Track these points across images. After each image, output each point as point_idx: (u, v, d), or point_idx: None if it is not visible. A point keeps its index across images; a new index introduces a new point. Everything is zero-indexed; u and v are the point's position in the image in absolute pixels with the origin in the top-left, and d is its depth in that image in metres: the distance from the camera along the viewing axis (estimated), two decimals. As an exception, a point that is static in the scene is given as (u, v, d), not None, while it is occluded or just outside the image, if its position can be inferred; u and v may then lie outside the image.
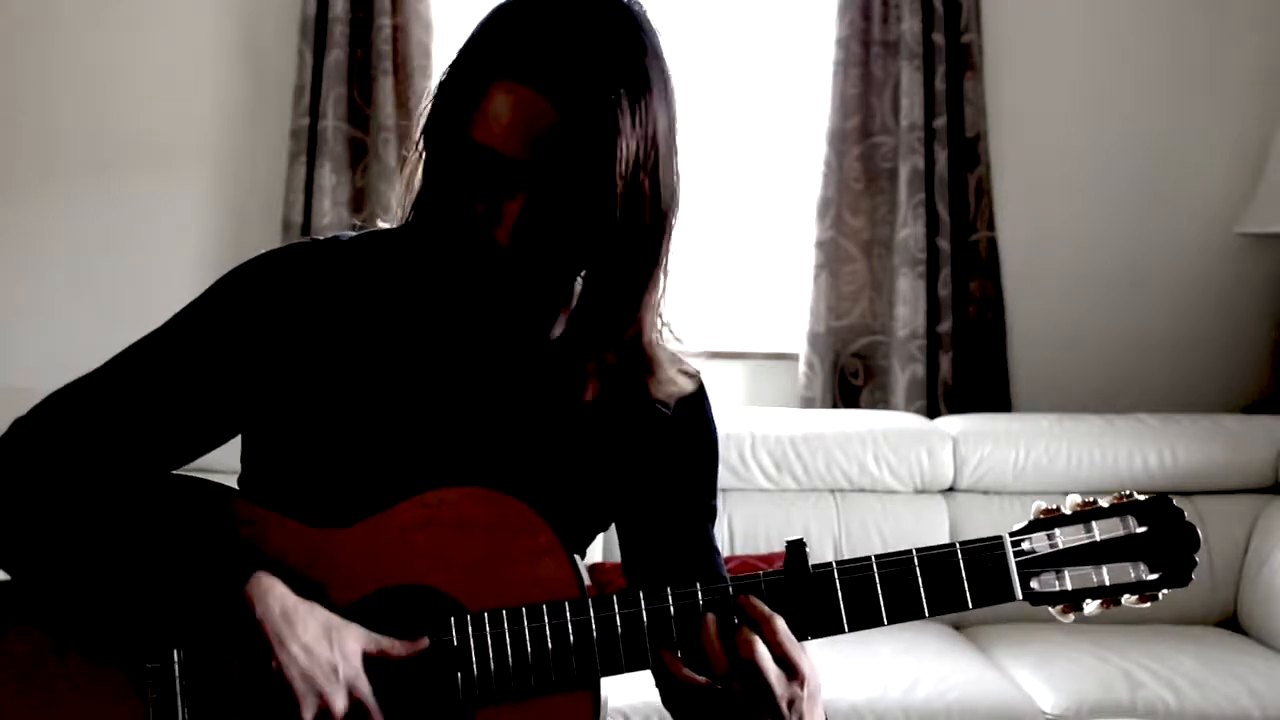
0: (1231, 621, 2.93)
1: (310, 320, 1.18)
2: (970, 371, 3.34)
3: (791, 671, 1.10)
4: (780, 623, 1.11)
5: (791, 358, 3.39)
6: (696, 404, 1.29)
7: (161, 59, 3.38)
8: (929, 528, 2.98)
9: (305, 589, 1.11)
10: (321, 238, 1.25)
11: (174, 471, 1.20)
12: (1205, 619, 2.90)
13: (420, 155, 1.17)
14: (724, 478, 2.96)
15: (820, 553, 2.92)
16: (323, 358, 1.18)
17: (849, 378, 3.38)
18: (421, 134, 1.16)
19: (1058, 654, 2.63)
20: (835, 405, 3.35)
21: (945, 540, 2.86)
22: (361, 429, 1.18)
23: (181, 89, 3.38)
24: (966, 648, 2.76)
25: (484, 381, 1.22)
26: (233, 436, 1.22)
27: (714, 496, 1.32)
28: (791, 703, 1.10)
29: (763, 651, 1.09)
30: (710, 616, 1.12)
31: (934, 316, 3.30)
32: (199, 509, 1.15)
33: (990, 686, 2.53)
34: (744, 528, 2.97)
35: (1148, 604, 1.16)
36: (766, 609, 1.12)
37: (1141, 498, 1.19)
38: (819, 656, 1.14)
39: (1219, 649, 2.72)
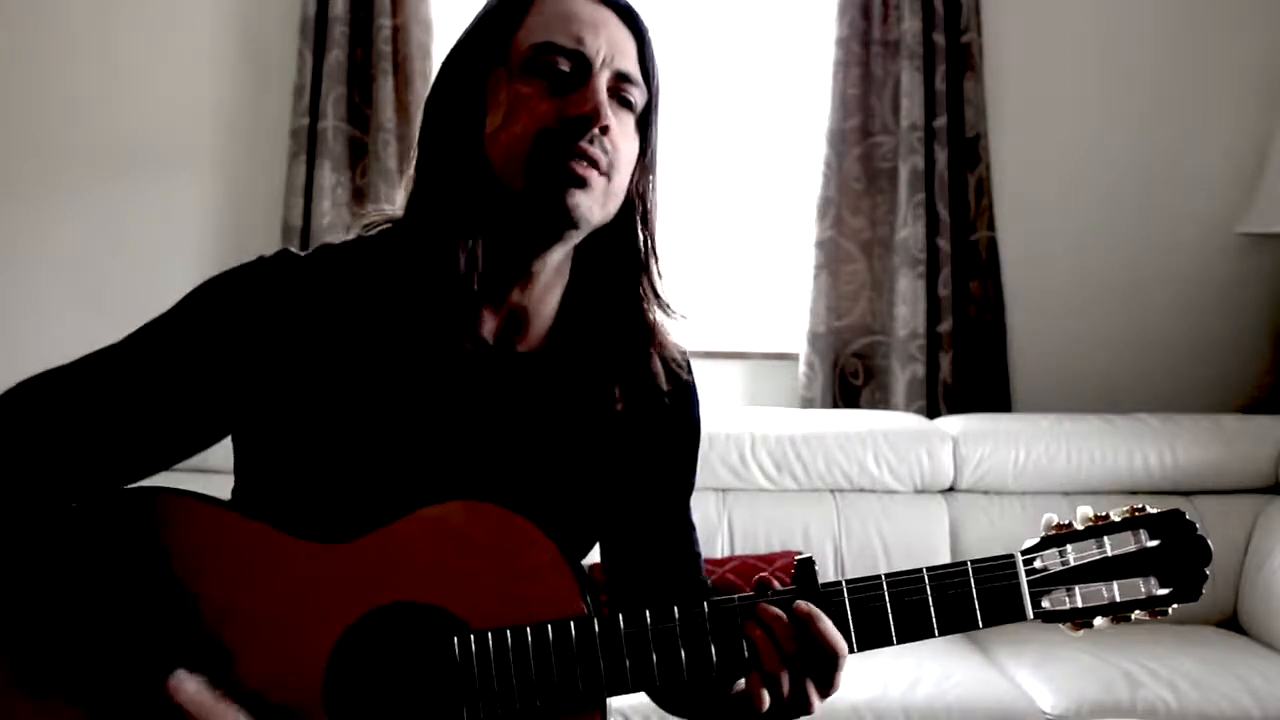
0: (1231, 621, 2.93)
1: (298, 332, 1.16)
2: (970, 371, 3.34)
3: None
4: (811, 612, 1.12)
5: (791, 358, 3.39)
6: (685, 393, 1.30)
7: (162, 59, 3.37)
8: (929, 528, 2.98)
9: (303, 607, 1.10)
10: (302, 253, 1.22)
11: (153, 472, 1.17)
12: (1205, 619, 2.90)
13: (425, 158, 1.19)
14: (724, 478, 3.00)
15: (820, 553, 2.92)
16: (311, 371, 1.16)
17: (849, 378, 3.38)
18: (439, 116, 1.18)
19: (1058, 654, 2.63)
20: (835, 405, 3.35)
21: (945, 541, 2.95)
22: (353, 444, 1.16)
23: (181, 89, 3.38)
24: (966, 648, 2.76)
25: (477, 392, 1.20)
26: (205, 448, 1.19)
27: (693, 474, 1.34)
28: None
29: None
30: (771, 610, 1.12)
31: (934, 316, 3.30)
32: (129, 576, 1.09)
33: (990, 686, 2.53)
34: (744, 528, 2.96)
35: (1156, 618, 1.15)
36: (777, 610, 1.11)
37: (1154, 511, 1.17)
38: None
39: (1219, 649, 2.72)
